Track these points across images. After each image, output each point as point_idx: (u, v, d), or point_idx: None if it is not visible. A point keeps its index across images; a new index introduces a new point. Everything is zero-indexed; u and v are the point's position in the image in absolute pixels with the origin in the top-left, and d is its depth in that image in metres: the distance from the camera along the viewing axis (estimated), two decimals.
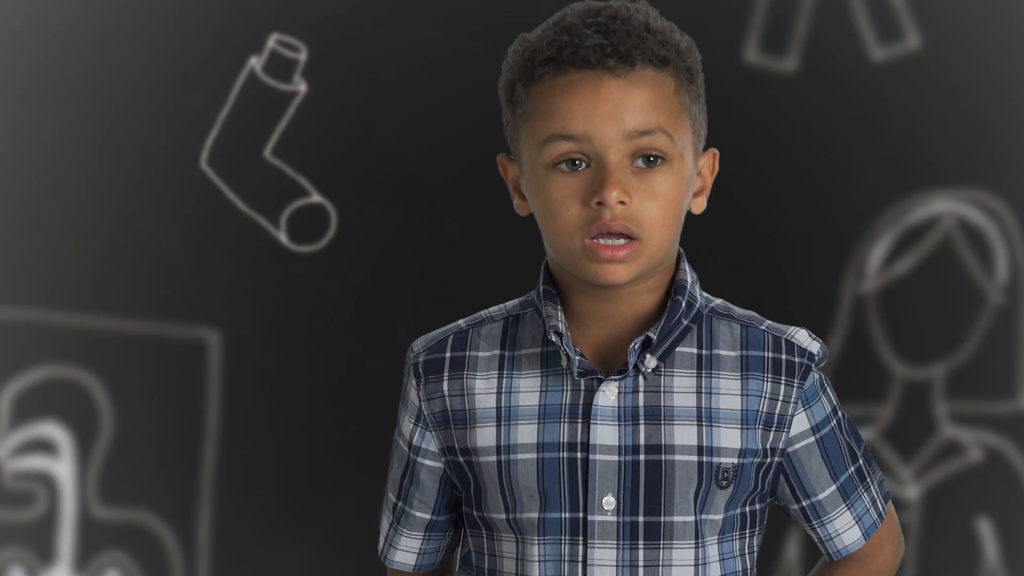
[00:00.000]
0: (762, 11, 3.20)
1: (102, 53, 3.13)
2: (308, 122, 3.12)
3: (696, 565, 1.71)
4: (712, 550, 1.73)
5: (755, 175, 3.22)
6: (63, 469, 3.17)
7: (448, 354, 1.78)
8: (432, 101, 3.14)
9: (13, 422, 3.17)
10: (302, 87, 3.11)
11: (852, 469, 1.80)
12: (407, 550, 1.84)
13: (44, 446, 3.17)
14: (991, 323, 3.25)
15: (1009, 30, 3.22)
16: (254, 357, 3.19)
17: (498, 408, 1.73)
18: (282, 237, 3.13)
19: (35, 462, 3.17)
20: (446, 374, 1.77)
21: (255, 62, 3.09)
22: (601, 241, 1.67)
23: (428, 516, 1.82)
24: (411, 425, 1.79)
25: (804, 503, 1.79)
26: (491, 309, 1.81)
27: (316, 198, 3.13)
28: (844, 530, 1.80)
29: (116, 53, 3.13)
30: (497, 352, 1.76)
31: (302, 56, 3.10)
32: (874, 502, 1.81)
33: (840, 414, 1.80)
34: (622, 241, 1.67)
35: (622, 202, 1.66)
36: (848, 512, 1.80)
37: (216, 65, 3.12)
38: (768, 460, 1.75)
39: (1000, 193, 3.24)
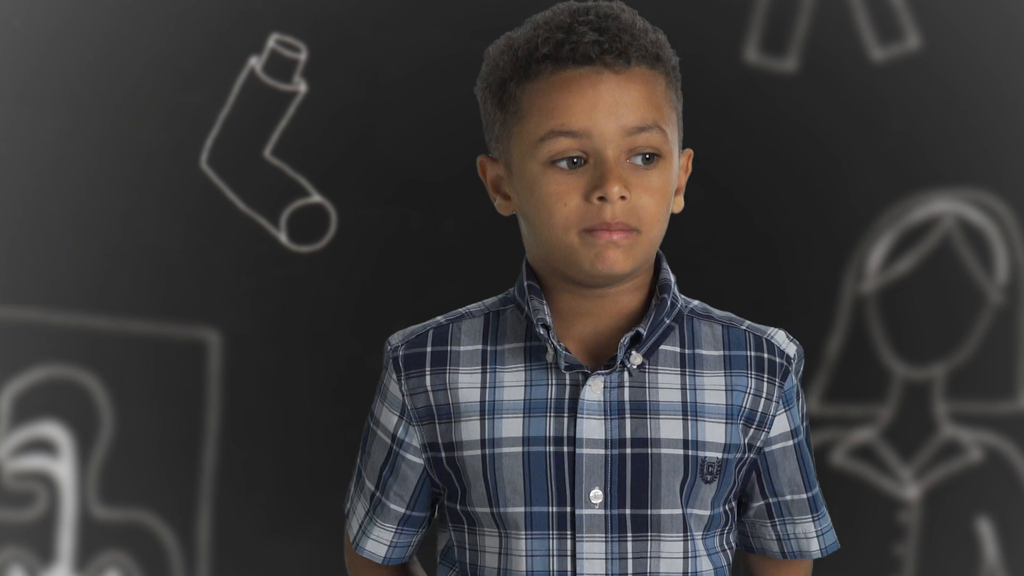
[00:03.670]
0: (762, 11, 3.20)
1: (102, 53, 3.13)
2: (308, 122, 3.12)
3: (685, 558, 1.73)
4: (700, 544, 1.74)
5: (755, 175, 3.22)
6: (63, 469, 3.17)
7: (429, 348, 1.78)
8: (432, 101, 3.14)
9: (13, 422, 3.17)
10: (302, 87, 3.11)
11: (818, 488, 1.83)
12: (379, 541, 1.85)
13: (44, 446, 3.17)
14: (991, 323, 3.25)
15: (1009, 30, 3.22)
16: (254, 357, 3.19)
17: (482, 402, 1.74)
18: (282, 237, 3.14)
19: (35, 462, 3.17)
20: (428, 368, 1.77)
21: (255, 62, 3.10)
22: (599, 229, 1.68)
23: (403, 510, 1.82)
24: (395, 418, 1.79)
25: (772, 500, 1.81)
26: (469, 306, 1.82)
27: (316, 198, 3.14)
28: (804, 536, 1.83)
29: (116, 53, 3.13)
30: (479, 347, 1.77)
31: (302, 56, 3.10)
32: (831, 528, 1.85)
33: (807, 425, 1.83)
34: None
35: (623, 197, 1.67)
36: (812, 524, 1.83)
37: (216, 65, 3.12)
38: (745, 456, 1.76)
39: (1000, 193, 3.24)
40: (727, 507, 1.78)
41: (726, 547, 1.79)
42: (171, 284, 3.17)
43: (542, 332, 1.72)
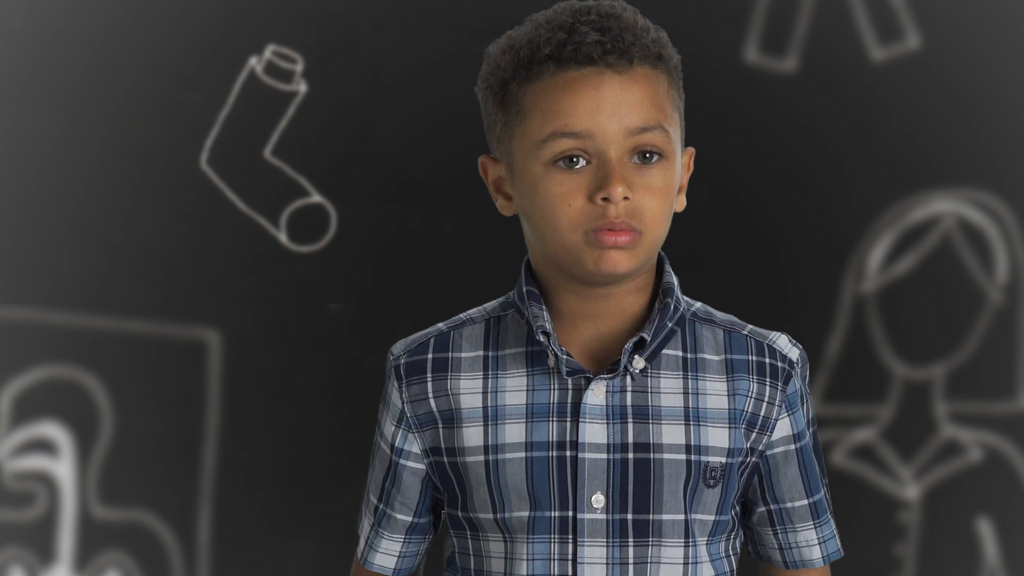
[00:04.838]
0: (762, 11, 3.20)
1: (102, 53, 3.13)
2: (308, 122, 3.12)
3: (686, 564, 1.72)
4: (703, 550, 1.74)
5: (755, 175, 3.22)
6: (63, 469, 3.17)
7: (431, 356, 1.78)
8: (432, 101, 3.14)
9: (13, 422, 3.16)
10: (302, 87, 3.11)
11: (824, 491, 1.82)
12: (387, 553, 1.85)
13: (44, 446, 3.17)
14: (991, 323, 3.25)
15: (1009, 30, 3.22)
16: (254, 357, 3.19)
17: (484, 408, 1.74)
18: (282, 237, 3.13)
19: (35, 462, 3.17)
20: (429, 375, 1.77)
21: (255, 62, 3.09)
22: (604, 230, 1.67)
23: (409, 519, 1.82)
24: (393, 427, 1.79)
25: (772, 506, 1.80)
26: (470, 312, 1.81)
27: (316, 198, 3.13)
28: (805, 545, 1.82)
29: (116, 53, 3.13)
30: (480, 353, 1.76)
31: (298, 67, 3.10)
32: (835, 535, 1.84)
33: (814, 431, 1.82)
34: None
35: (626, 198, 1.66)
36: (814, 531, 1.82)
37: (216, 65, 3.12)
38: (748, 460, 1.76)
39: (1000, 193, 3.24)
40: (732, 512, 1.77)
41: (731, 553, 1.79)
42: (171, 284, 3.17)
43: (543, 339, 1.71)
